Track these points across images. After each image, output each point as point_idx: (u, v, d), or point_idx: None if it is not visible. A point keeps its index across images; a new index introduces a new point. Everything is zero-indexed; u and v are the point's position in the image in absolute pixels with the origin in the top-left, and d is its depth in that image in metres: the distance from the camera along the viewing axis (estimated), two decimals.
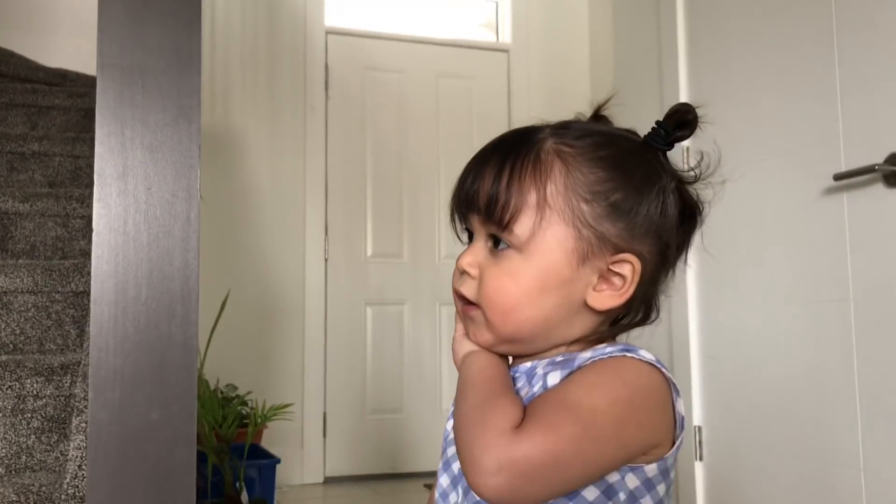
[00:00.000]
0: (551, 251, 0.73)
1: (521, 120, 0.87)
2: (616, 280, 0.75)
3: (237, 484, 2.33)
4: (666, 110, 0.80)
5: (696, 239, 0.82)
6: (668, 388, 0.73)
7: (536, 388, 0.74)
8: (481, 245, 0.77)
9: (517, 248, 0.74)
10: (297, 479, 3.61)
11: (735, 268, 2.20)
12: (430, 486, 0.86)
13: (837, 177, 1.84)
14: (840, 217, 1.87)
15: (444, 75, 4.05)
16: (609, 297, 0.75)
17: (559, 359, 0.75)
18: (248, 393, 3.09)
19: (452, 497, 0.80)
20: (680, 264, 0.80)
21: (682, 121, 0.78)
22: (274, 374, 3.64)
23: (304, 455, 3.63)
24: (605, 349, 0.73)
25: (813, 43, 1.96)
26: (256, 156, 3.72)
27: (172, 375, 1.02)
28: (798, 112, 2.01)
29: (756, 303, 2.13)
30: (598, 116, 0.82)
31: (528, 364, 0.78)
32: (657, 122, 0.79)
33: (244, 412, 2.80)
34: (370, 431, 3.74)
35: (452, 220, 0.81)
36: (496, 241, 0.76)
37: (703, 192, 0.79)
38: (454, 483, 0.80)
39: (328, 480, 3.67)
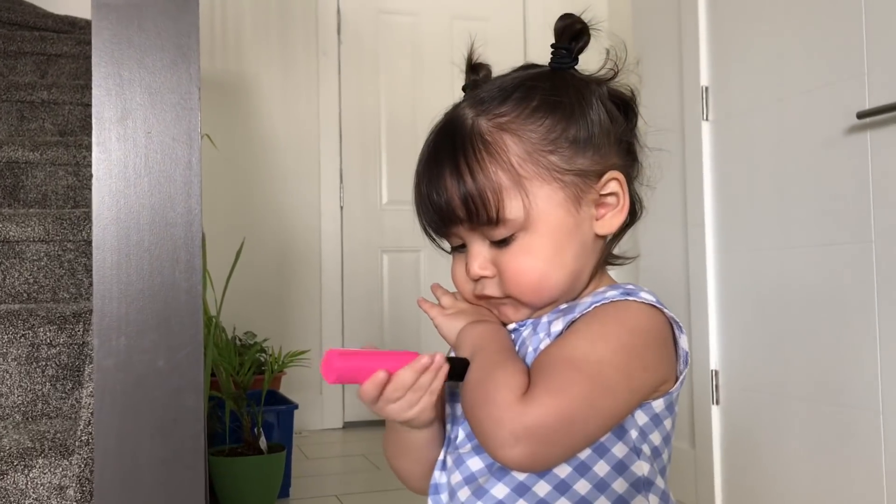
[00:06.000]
0: (550, 212, 0.73)
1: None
2: (610, 199, 0.77)
3: (255, 429, 2.36)
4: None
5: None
6: (670, 327, 0.74)
7: (541, 335, 0.74)
8: (479, 246, 0.75)
9: (518, 228, 0.73)
10: (318, 425, 3.66)
11: (754, 208, 2.16)
12: None
13: (861, 114, 1.78)
14: (863, 156, 1.81)
15: (458, 17, 3.97)
16: (612, 218, 0.77)
17: (563, 306, 0.76)
18: (266, 340, 3.10)
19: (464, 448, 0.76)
20: (640, 153, 0.81)
21: (574, 33, 0.77)
22: (291, 321, 3.66)
23: (324, 401, 3.67)
24: (606, 293, 0.74)
25: None
26: (270, 103, 3.69)
27: (178, 322, 1.00)
28: (821, 45, 1.94)
29: (775, 244, 2.09)
30: (475, 67, 0.85)
31: None
32: (553, 45, 0.78)
33: (262, 359, 2.82)
34: None
35: (428, 235, 0.79)
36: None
37: (626, 80, 0.80)
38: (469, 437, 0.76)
39: (347, 425, 3.71)
